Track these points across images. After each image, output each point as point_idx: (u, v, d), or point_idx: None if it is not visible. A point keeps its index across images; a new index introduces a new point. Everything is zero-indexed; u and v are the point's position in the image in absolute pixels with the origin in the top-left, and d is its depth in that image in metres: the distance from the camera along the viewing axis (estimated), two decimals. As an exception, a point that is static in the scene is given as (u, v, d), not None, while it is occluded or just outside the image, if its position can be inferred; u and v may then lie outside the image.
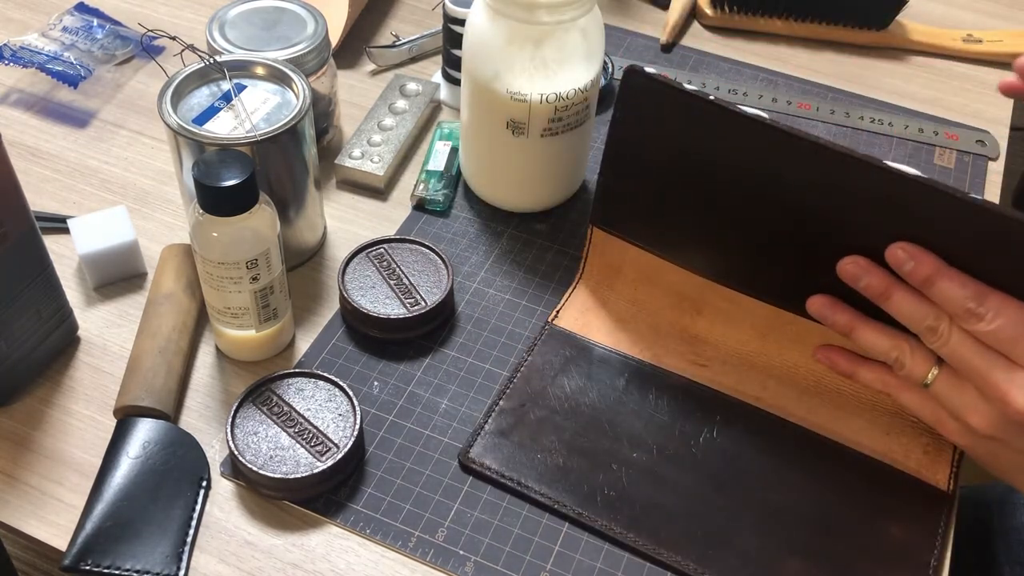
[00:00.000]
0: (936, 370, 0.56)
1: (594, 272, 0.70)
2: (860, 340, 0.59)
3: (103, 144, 0.80)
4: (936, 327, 0.54)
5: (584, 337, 0.67)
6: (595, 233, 0.68)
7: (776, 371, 0.65)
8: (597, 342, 0.67)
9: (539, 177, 0.74)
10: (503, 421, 0.62)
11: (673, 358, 0.66)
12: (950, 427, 0.58)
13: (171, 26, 0.90)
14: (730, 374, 0.65)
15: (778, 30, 0.96)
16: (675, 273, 0.66)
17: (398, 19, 0.95)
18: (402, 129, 0.80)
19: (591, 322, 0.68)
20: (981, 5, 1.02)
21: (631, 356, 0.66)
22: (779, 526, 0.58)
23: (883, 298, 0.56)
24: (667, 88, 0.59)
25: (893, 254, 0.55)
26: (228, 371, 0.65)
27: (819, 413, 0.63)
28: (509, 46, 0.66)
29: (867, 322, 0.58)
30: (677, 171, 0.62)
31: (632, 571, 0.56)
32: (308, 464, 0.58)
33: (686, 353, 0.66)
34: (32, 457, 0.60)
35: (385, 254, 0.70)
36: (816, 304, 0.60)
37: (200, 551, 0.56)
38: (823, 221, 0.58)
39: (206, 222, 0.57)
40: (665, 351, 0.66)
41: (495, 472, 0.60)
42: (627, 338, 0.67)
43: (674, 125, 0.60)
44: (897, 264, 0.55)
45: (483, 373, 0.65)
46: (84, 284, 0.69)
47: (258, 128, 0.61)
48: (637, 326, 0.67)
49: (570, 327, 0.67)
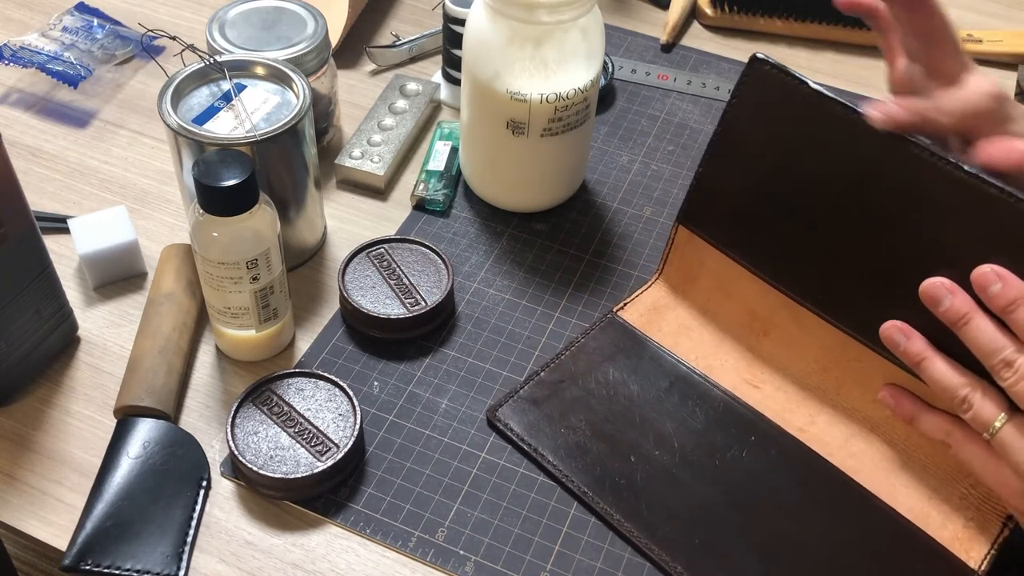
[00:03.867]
0: (1005, 416, 0.51)
1: (672, 275, 0.69)
2: (929, 373, 0.54)
3: (103, 144, 0.80)
4: (1013, 361, 0.50)
5: (643, 333, 0.67)
6: (679, 232, 0.67)
7: (830, 407, 0.62)
8: (655, 340, 0.67)
9: (539, 177, 0.74)
10: (539, 391, 0.63)
11: (727, 374, 0.65)
12: (1012, 487, 0.52)
13: (171, 26, 0.90)
14: (780, 401, 0.63)
15: (778, 30, 0.96)
16: (749, 287, 0.64)
17: (398, 19, 0.95)
18: (402, 129, 0.80)
19: (654, 321, 0.68)
20: (981, 5, 1.02)
21: (684, 362, 0.65)
22: (783, 558, 0.57)
23: (961, 323, 0.52)
24: (789, 79, 0.58)
25: (981, 272, 0.51)
26: (228, 371, 0.65)
27: (862, 459, 0.60)
28: (509, 46, 0.66)
29: (940, 355, 0.54)
30: (777, 170, 0.61)
31: (632, 571, 0.56)
32: (308, 464, 0.58)
33: (742, 371, 0.65)
34: (32, 457, 0.60)
35: (385, 254, 0.70)
36: (890, 329, 0.56)
37: (200, 551, 0.56)
38: (914, 239, 0.55)
39: (206, 222, 0.57)
40: (721, 365, 0.65)
41: (516, 435, 0.61)
42: (686, 345, 0.66)
43: (787, 120, 0.59)
44: (983, 284, 0.51)
45: (483, 373, 0.65)
46: (84, 284, 0.69)
47: (258, 128, 0.61)
48: (701, 335, 0.67)
49: (632, 322, 0.68)
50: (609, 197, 0.79)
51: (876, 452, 0.61)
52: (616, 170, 0.81)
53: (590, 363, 0.65)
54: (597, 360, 0.65)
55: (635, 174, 0.81)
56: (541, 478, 0.60)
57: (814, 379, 0.63)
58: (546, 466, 0.60)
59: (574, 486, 0.59)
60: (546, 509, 0.59)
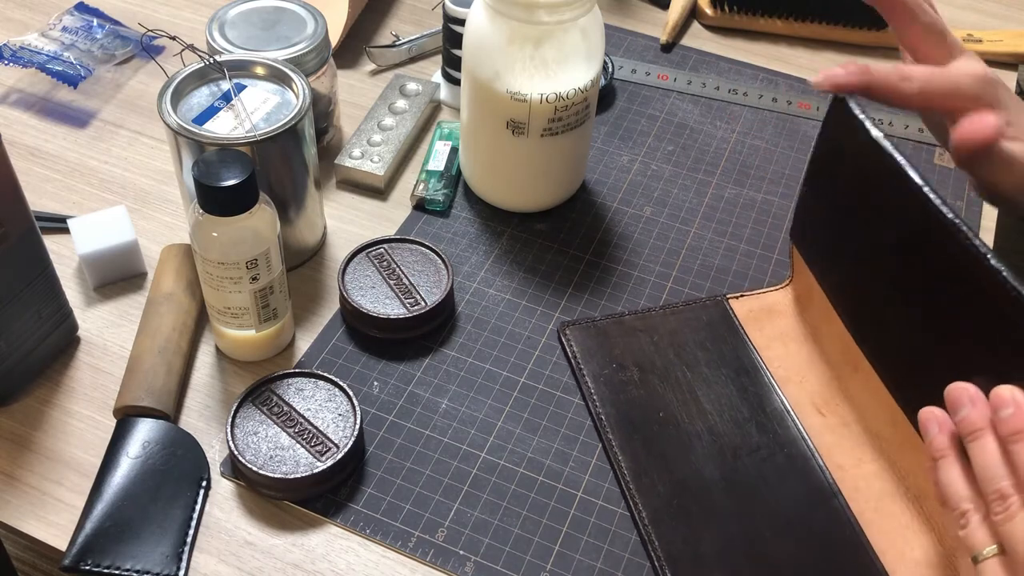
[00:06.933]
0: (995, 549, 0.47)
1: (798, 286, 0.69)
2: (941, 474, 0.50)
3: (103, 144, 0.80)
4: (1007, 495, 0.46)
5: (742, 326, 0.68)
6: (795, 250, 0.68)
7: (884, 461, 0.60)
8: (749, 337, 0.67)
9: (539, 177, 0.74)
10: (614, 327, 0.67)
11: (800, 392, 0.64)
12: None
13: (171, 26, 0.90)
14: (838, 435, 0.62)
15: (778, 30, 0.96)
16: None
17: (398, 19, 0.95)
18: (402, 129, 0.80)
19: (760, 319, 0.68)
20: (981, 5, 1.02)
21: (765, 365, 0.66)
22: (746, 557, 0.56)
23: (971, 438, 0.48)
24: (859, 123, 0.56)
25: (999, 392, 0.48)
26: (228, 371, 0.65)
27: (886, 518, 0.58)
28: (509, 46, 0.66)
29: (959, 461, 0.50)
30: (851, 210, 0.60)
31: (632, 571, 0.56)
32: (308, 464, 0.58)
33: (816, 395, 0.64)
34: (32, 457, 0.60)
35: (385, 254, 0.70)
36: (928, 415, 0.51)
37: (200, 551, 0.56)
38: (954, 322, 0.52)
39: (206, 222, 0.57)
40: (799, 382, 0.65)
41: (572, 352, 0.66)
42: (777, 352, 0.67)
43: (860, 165, 0.58)
44: (996, 406, 0.47)
45: (483, 373, 0.65)
46: (84, 284, 0.69)
47: (258, 128, 0.61)
48: (799, 350, 0.66)
49: (739, 313, 0.69)
50: (609, 197, 0.79)
51: (905, 521, 0.58)
52: (616, 170, 0.81)
53: (675, 327, 0.67)
54: (683, 327, 0.67)
55: (635, 174, 0.81)
56: (541, 478, 0.60)
57: (884, 430, 0.61)
58: (582, 387, 0.64)
59: (595, 411, 0.63)
60: (546, 509, 0.59)
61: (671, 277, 0.73)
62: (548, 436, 0.62)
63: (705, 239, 0.76)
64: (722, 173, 0.82)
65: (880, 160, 0.54)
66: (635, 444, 0.61)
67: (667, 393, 0.64)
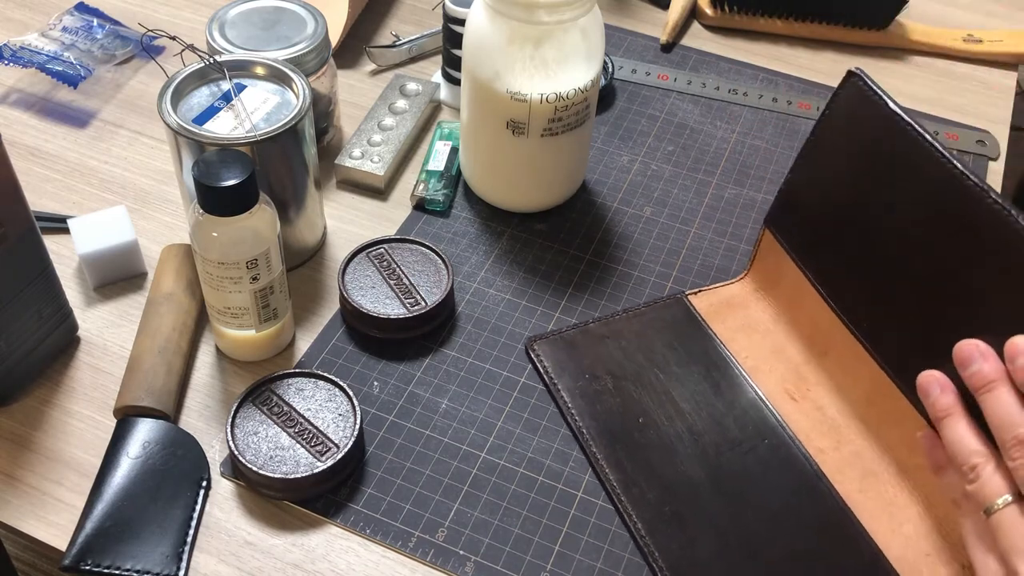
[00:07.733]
0: (1010, 498, 0.48)
1: (757, 276, 0.70)
2: (948, 430, 0.51)
3: (103, 144, 0.80)
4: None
5: (705, 321, 0.68)
6: (765, 236, 0.68)
7: (864, 441, 0.61)
8: (713, 331, 0.67)
9: (539, 177, 0.74)
10: (580, 337, 0.67)
11: (770, 379, 0.65)
12: (991, 571, 0.49)
13: (171, 26, 0.90)
14: (813, 419, 0.63)
15: (778, 30, 0.96)
16: (816, 303, 0.64)
17: (398, 19, 0.95)
18: (402, 129, 0.80)
19: (721, 313, 0.68)
20: (981, 5, 1.02)
21: (733, 357, 0.66)
22: (743, 555, 0.56)
23: (984, 391, 0.49)
24: (875, 97, 0.58)
25: (1014, 342, 0.49)
26: (228, 371, 0.65)
27: (872, 497, 0.59)
28: (509, 46, 0.66)
29: (967, 417, 0.51)
30: (855, 190, 0.60)
31: (632, 571, 0.56)
32: (308, 464, 0.58)
33: (787, 382, 0.65)
34: (32, 457, 0.60)
35: (385, 254, 0.70)
36: (928, 378, 0.53)
37: (200, 551, 0.56)
38: (967, 290, 0.53)
39: (206, 222, 0.57)
40: (768, 370, 0.65)
41: (544, 367, 0.65)
42: (742, 343, 0.67)
43: (870, 142, 0.59)
44: (1012, 355, 0.49)
45: (483, 373, 0.65)
46: (84, 284, 0.69)
47: (258, 128, 0.61)
48: (763, 339, 0.67)
49: (699, 308, 0.69)
50: (609, 197, 0.79)
51: (891, 496, 0.59)
52: (616, 170, 0.81)
53: (640, 329, 0.67)
54: (648, 329, 0.67)
55: (635, 174, 0.81)
56: (541, 478, 0.60)
57: (859, 409, 0.62)
58: (559, 402, 0.63)
59: (575, 425, 0.62)
60: (546, 509, 0.59)
61: (671, 277, 0.73)
62: (548, 436, 0.62)
63: (705, 239, 0.76)
64: (722, 173, 0.82)
65: (898, 133, 0.57)
66: (619, 455, 0.61)
67: (643, 398, 0.63)
